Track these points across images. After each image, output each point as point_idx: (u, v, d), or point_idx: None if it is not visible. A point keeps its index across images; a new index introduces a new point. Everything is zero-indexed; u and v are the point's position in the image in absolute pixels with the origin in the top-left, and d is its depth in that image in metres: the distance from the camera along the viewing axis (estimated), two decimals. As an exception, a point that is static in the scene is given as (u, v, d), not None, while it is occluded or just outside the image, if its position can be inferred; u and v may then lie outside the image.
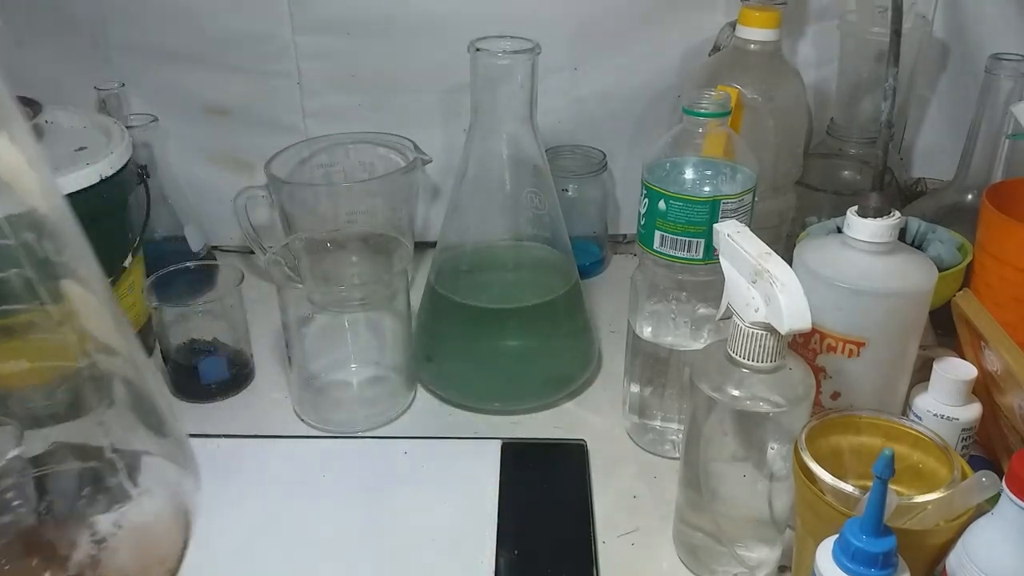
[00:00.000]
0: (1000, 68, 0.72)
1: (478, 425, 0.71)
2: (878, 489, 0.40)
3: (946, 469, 0.49)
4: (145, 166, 0.80)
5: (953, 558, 0.45)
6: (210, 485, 0.64)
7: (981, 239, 0.66)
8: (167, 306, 0.72)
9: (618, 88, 0.90)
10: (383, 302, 0.70)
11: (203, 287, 0.77)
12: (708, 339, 0.63)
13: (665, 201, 0.59)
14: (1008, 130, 0.73)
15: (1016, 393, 0.57)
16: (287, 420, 0.71)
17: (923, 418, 0.58)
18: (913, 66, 0.87)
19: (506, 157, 0.68)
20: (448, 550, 0.58)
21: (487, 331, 0.72)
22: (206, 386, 0.73)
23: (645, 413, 0.68)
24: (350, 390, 0.74)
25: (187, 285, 0.75)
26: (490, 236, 0.73)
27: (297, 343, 0.70)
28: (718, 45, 0.86)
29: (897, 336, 0.57)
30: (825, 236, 0.67)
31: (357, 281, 0.71)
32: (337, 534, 0.60)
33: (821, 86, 0.92)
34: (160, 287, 0.72)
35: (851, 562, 0.41)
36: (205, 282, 0.78)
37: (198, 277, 0.77)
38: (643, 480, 0.65)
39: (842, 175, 0.88)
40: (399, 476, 0.65)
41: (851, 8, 0.86)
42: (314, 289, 0.69)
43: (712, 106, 0.59)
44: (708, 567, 0.56)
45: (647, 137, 0.91)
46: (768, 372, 0.50)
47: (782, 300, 0.47)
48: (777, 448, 0.51)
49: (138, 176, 0.78)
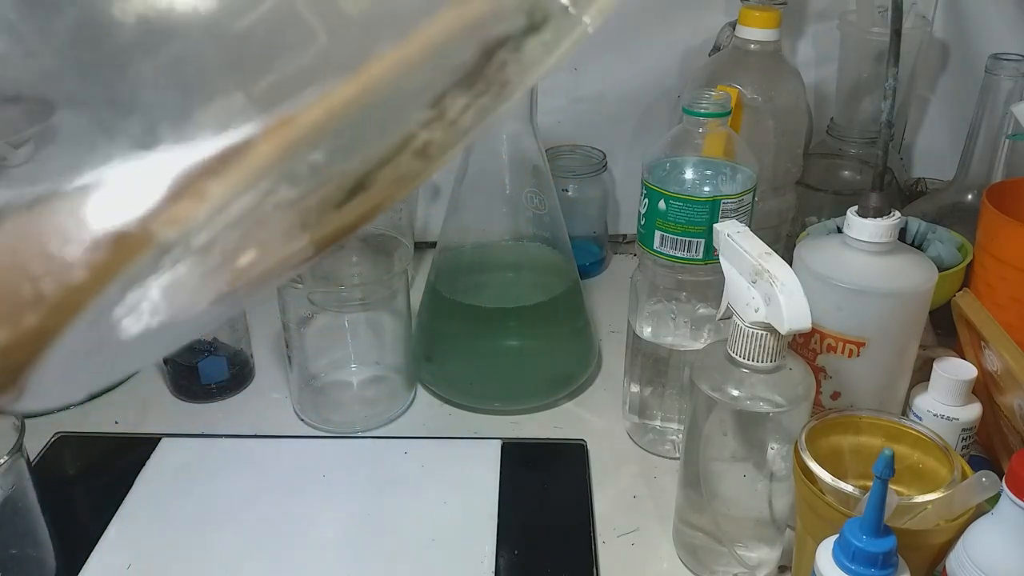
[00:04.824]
0: (1000, 68, 0.72)
1: (478, 425, 0.71)
2: (878, 489, 0.40)
3: (946, 469, 0.49)
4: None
5: (953, 558, 0.45)
6: (210, 485, 0.64)
7: (981, 239, 0.66)
8: (167, 306, 0.72)
9: (618, 88, 0.90)
10: (383, 302, 0.70)
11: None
12: (708, 339, 0.63)
13: (665, 201, 0.59)
14: (1008, 130, 0.73)
15: (1016, 393, 0.57)
16: (287, 420, 0.71)
17: (923, 418, 0.58)
18: (913, 66, 0.87)
19: (506, 157, 0.68)
20: (448, 550, 0.58)
21: (487, 331, 0.72)
22: (206, 386, 0.73)
23: (645, 413, 0.68)
24: (350, 390, 0.74)
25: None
26: (490, 236, 0.73)
27: (297, 343, 0.70)
28: (718, 45, 0.86)
29: (897, 336, 0.57)
30: (825, 236, 0.67)
31: (357, 281, 0.71)
32: (337, 534, 0.60)
33: (821, 86, 0.92)
34: (160, 287, 0.72)
35: (851, 562, 0.41)
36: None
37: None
38: (643, 480, 0.65)
39: (842, 175, 0.88)
40: (399, 476, 0.65)
41: (851, 8, 0.86)
42: (314, 289, 0.69)
43: (712, 106, 0.59)
44: (708, 567, 0.56)
45: (647, 137, 0.91)
46: (768, 372, 0.50)
47: (782, 300, 0.47)
48: (777, 448, 0.51)
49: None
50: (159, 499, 0.62)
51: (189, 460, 0.66)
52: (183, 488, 0.63)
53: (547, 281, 0.73)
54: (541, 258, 0.73)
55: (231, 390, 0.74)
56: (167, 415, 0.71)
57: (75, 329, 0.19)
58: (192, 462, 0.66)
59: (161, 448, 0.67)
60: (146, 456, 0.66)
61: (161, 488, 0.63)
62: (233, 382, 0.75)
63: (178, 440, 0.68)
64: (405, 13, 0.19)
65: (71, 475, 0.66)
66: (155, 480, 0.64)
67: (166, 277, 0.20)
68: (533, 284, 0.73)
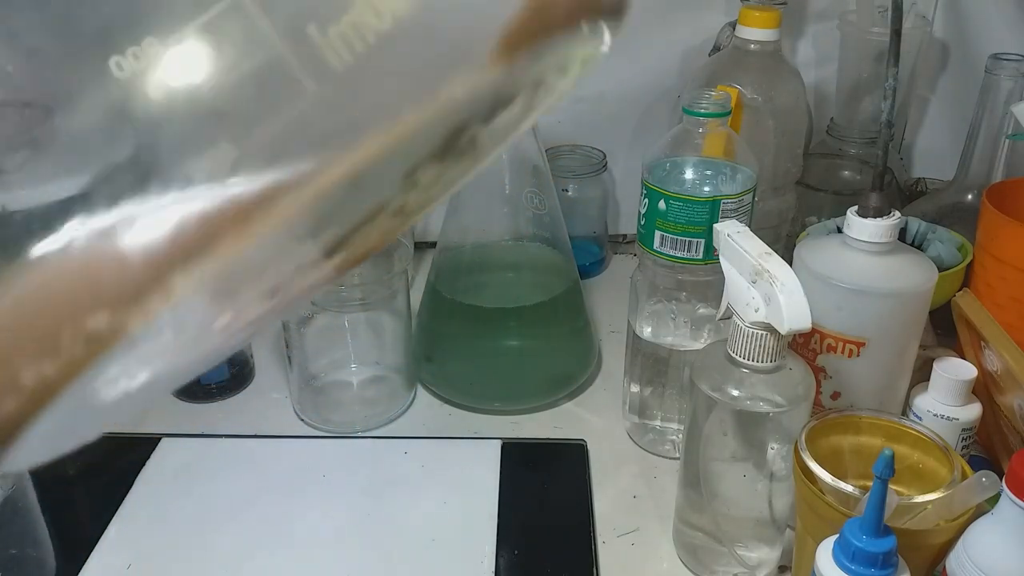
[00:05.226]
0: (1000, 68, 0.72)
1: (478, 425, 0.71)
2: (878, 489, 0.40)
3: (946, 469, 0.49)
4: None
5: (953, 558, 0.45)
6: (210, 485, 0.64)
7: (981, 239, 0.66)
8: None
9: (618, 88, 0.90)
10: (383, 302, 0.70)
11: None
12: (708, 339, 0.63)
13: (665, 201, 0.59)
14: (1008, 130, 0.73)
15: (1016, 393, 0.57)
16: (287, 420, 0.71)
17: (923, 418, 0.58)
18: (913, 66, 0.87)
19: (506, 157, 0.68)
20: (448, 550, 0.58)
21: (487, 331, 0.72)
22: (206, 386, 0.73)
23: (645, 413, 0.68)
24: (350, 390, 0.74)
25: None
26: (490, 236, 0.73)
27: (297, 343, 0.70)
28: (718, 45, 0.86)
29: (897, 336, 0.57)
30: (825, 236, 0.67)
31: (357, 281, 0.71)
32: (337, 534, 0.60)
33: (821, 86, 0.92)
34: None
35: (851, 562, 0.41)
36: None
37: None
38: (643, 480, 0.65)
39: (842, 175, 0.88)
40: (399, 476, 0.65)
41: (851, 8, 0.86)
42: (314, 289, 0.69)
43: (712, 106, 0.59)
44: (708, 567, 0.56)
45: (647, 137, 0.91)
46: (768, 372, 0.50)
47: (782, 300, 0.47)
48: (777, 448, 0.51)
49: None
50: (159, 499, 0.62)
51: (189, 460, 0.66)
52: (183, 488, 0.63)
53: (547, 281, 0.73)
54: (541, 258, 0.73)
55: (231, 390, 0.74)
56: (167, 415, 0.71)
57: (51, 410, 0.20)
58: (192, 462, 0.66)
59: (161, 448, 0.67)
60: (146, 456, 0.66)
61: (161, 488, 0.63)
62: (233, 382, 0.75)
63: (178, 440, 0.68)
64: (385, 90, 0.20)
65: (71, 475, 0.66)
66: (155, 480, 0.64)
67: (143, 348, 0.20)
68: (533, 284, 0.73)
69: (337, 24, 0.18)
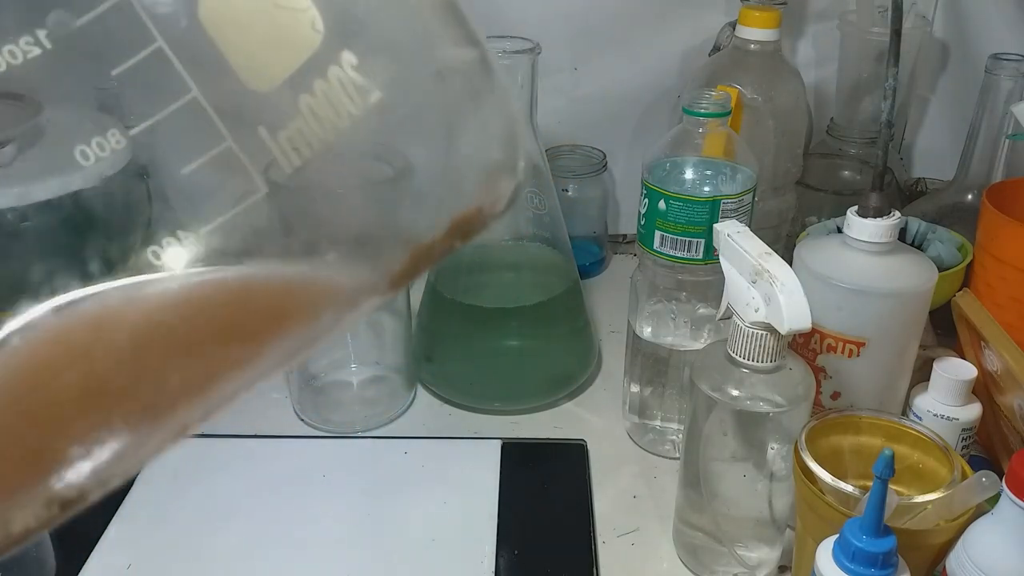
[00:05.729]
0: (1000, 68, 0.72)
1: (478, 425, 0.71)
2: (878, 489, 0.40)
3: (946, 469, 0.49)
4: (146, 166, 0.80)
5: (953, 558, 0.45)
6: (210, 485, 0.64)
7: (981, 239, 0.66)
8: (167, 306, 0.72)
9: (618, 88, 0.90)
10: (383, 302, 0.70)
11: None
12: (708, 339, 0.63)
13: (665, 201, 0.59)
14: (1008, 130, 0.73)
15: (1016, 393, 0.57)
16: (287, 420, 0.71)
17: (923, 418, 0.58)
18: (913, 66, 0.87)
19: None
20: (448, 550, 0.58)
21: (487, 331, 0.72)
22: (206, 386, 0.73)
23: (645, 413, 0.68)
24: (350, 390, 0.74)
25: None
26: (490, 236, 0.73)
27: (297, 343, 0.70)
28: (718, 45, 0.86)
29: (897, 336, 0.57)
30: (825, 236, 0.67)
31: (357, 281, 0.71)
32: (337, 534, 0.60)
33: (821, 86, 0.92)
34: (160, 287, 0.72)
35: (851, 562, 0.41)
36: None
37: (198, 277, 0.77)
38: (643, 480, 0.65)
39: (842, 175, 0.88)
40: (399, 476, 0.65)
41: (851, 8, 0.86)
42: (314, 289, 0.69)
43: (712, 106, 0.59)
44: (708, 567, 0.56)
45: (647, 137, 0.91)
46: (768, 372, 0.50)
47: (782, 300, 0.47)
48: (777, 448, 0.51)
49: (139, 176, 0.78)
50: (159, 499, 0.62)
51: (189, 460, 0.66)
52: (183, 488, 0.63)
53: (547, 281, 0.73)
54: (541, 258, 0.73)
55: (231, 390, 0.74)
56: (167, 415, 0.71)
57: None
58: (192, 462, 0.66)
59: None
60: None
61: (161, 488, 0.63)
62: (233, 382, 0.74)
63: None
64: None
65: (71, 475, 0.66)
66: (155, 480, 0.64)
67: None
68: (533, 284, 0.73)
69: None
